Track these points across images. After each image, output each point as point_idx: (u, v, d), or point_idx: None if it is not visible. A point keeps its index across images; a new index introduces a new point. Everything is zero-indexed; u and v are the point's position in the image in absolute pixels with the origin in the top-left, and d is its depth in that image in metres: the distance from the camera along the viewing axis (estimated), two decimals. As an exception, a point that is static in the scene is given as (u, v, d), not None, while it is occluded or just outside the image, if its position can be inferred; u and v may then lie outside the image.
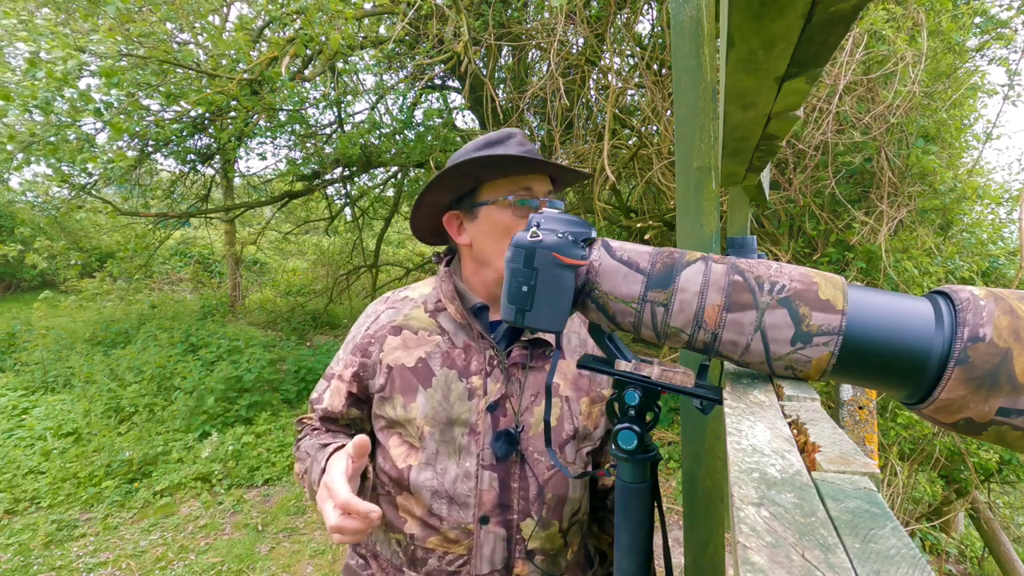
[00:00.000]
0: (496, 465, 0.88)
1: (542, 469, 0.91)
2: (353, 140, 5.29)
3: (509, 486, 0.89)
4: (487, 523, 0.87)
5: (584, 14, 3.66)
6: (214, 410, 4.59)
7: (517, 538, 0.89)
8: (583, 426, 0.95)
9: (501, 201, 0.89)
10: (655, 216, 4.11)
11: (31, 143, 3.41)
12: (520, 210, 0.89)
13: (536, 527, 0.89)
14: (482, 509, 0.87)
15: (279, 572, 3.00)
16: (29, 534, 3.24)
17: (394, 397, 0.91)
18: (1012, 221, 3.81)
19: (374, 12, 4.42)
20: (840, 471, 0.35)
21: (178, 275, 9.88)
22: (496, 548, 0.88)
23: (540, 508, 0.90)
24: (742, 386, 0.51)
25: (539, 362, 0.95)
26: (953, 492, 3.13)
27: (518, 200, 0.89)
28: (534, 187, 0.91)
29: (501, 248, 0.90)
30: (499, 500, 0.88)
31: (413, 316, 0.96)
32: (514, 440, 0.89)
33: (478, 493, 0.87)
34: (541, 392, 0.93)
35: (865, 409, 1.58)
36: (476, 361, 0.92)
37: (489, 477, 0.88)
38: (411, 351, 0.93)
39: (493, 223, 0.90)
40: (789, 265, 0.49)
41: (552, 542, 0.92)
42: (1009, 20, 3.29)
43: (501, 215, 0.89)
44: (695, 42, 0.91)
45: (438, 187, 0.91)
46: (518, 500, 0.89)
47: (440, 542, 0.88)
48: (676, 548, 2.99)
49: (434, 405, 0.89)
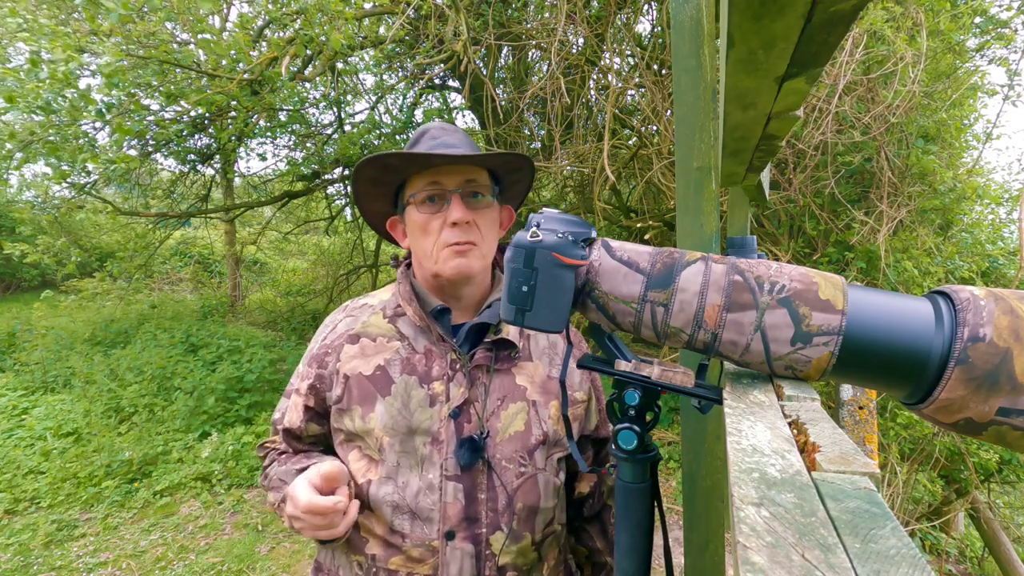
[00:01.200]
0: (461, 475, 0.83)
1: (510, 477, 0.86)
2: (353, 140, 5.29)
3: (476, 497, 0.83)
4: (453, 538, 0.82)
5: (584, 14, 3.66)
6: (214, 410, 4.59)
7: (486, 554, 0.83)
8: (552, 431, 0.91)
9: (412, 199, 0.89)
10: (655, 216, 4.11)
11: (31, 142, 3.41)
12: (429, 206, 0.88)
13: (507, 540, 0.84)
14: (447, 523, 0.82)
15: (279, 572, 3.00)
16: (29, 534, 3.24)
17: (352, 408, 0.87)
18: (1012, 221, 3.81)
19: (374, 12, 4.42)
20: (840, 471, 0.35)
21: (178, 275, 9.88)
22: (464, 565, 0.82)
23: (510, 519, 0.84)
24: (742, 386, 0.51)
25: (504, 364, 0.91)
26: (953, 492, 3.13)
27: (426, 197, 0.87)
28: (443, 180, 0.87)
29: (422, 248, 0.89)
30: (465, 513, 0.83)
31: (371, 323, 0.93)
32: (478, 447, 0.83)
33: (442, 506, 0.82)
34: (508, 396, 0.89)
35: (865, 409, 1.58)
36: (437, 366, 0.88)
37: (454, 488, 0.83)
38: (369, 359, 0.89)
39: (413, 222, 0.90)
40: (789, 265, 0.49)
41: (525, 556, 0.86)
42: (1009, 20, 3.29)
43: (414, 214, 0.89)
44: (695, 42, 0.91)
45: (364, 196, 0.94)
46: (486, 512, 0.83)
47: (403, 562, 0.82)
48: (676, 548, 2.99)
49: (393, 414, 0.84)
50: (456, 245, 0.86)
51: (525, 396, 0.91)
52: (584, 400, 0.99)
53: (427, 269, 0.90)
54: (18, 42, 3.18)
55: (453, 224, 0.86)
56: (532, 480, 0.87)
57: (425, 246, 0.88)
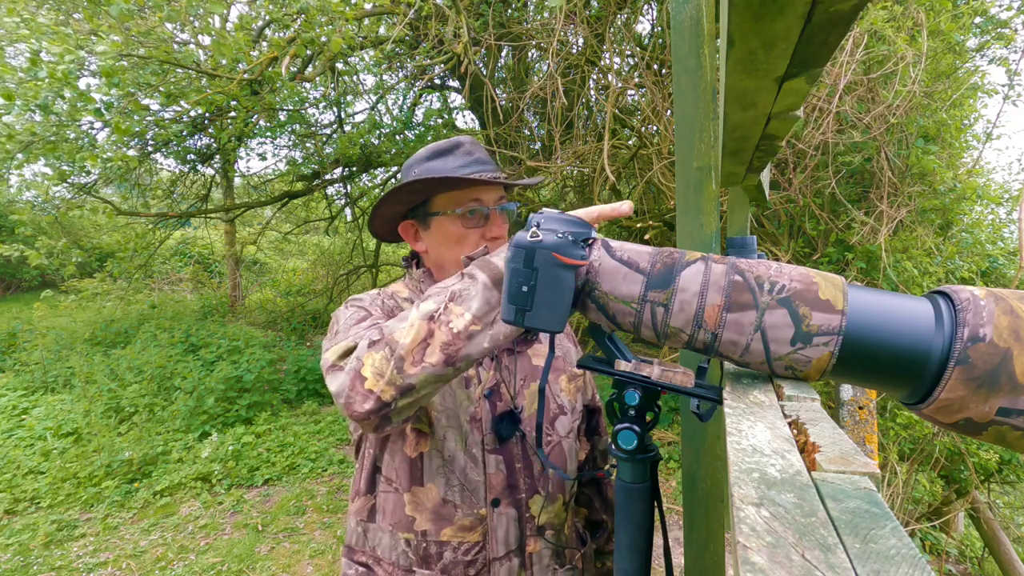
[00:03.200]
0: (499, 448, 0.92)
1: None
2: (353, 140, 5.30)
3: (514, 467, 0.92)
4: (498, 505, 0.90)
5: (584, 14, 3.66)
6: (214, 410, 4.60)
7: (527, 516, 0.92)
8: (568, 401, 1.01)
9: (451, 213, 0.93)
10: (655, 216, 4.11)
11: (31, 142, 3.41)
12: (469, 220, 0.93)
13: (545, 502, 0.94)
14: (492, 492, 0.90)
15: (279, 572, 3.00)
16: (29, 534, 3.24)
17: None
18: (1012, 221, 3.81)
19: (374, 12, 4.42)
20: (840, 471, 0.35)
21: (178, 275, 9.89)
22: (509, 529, 0.91)
23: (546, 483, 0.95)
24: (742, 386, 0.51)
25: (522, 347, 1.00)
26: (953, 492, 3.13)
27: (467, 211, 0.93)
28: (483, 197, 0.94)
29: (454, 255, 0.94)
30: (507, 481, 0.91)
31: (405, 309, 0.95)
32: (517, 420, 0.92)
33: (487, 477, 0.90)
34: (529, 375, 0.98)
35: (865, 409, 1.58)
36: None
37: (495, 460, 0.91)
38: None
39: (446, 233, 0.94)
40: (789, 265, 0.49)
41: (558, 516, 0.97)
42: (1009, 20, 3.29)
43: (451, 226, 0.94)
44: (695, 42, 0.91)
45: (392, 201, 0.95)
46: (524, 479, 0.93)
47: (455, 532, 0.89)
48: (676, 548, 2.99)
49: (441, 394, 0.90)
50: None
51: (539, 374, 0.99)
52: (581, 373, 1.09)
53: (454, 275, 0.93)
54: (18, 41, 3.18)
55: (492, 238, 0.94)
56: (559, 447, 0.98)
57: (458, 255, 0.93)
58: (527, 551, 0.92)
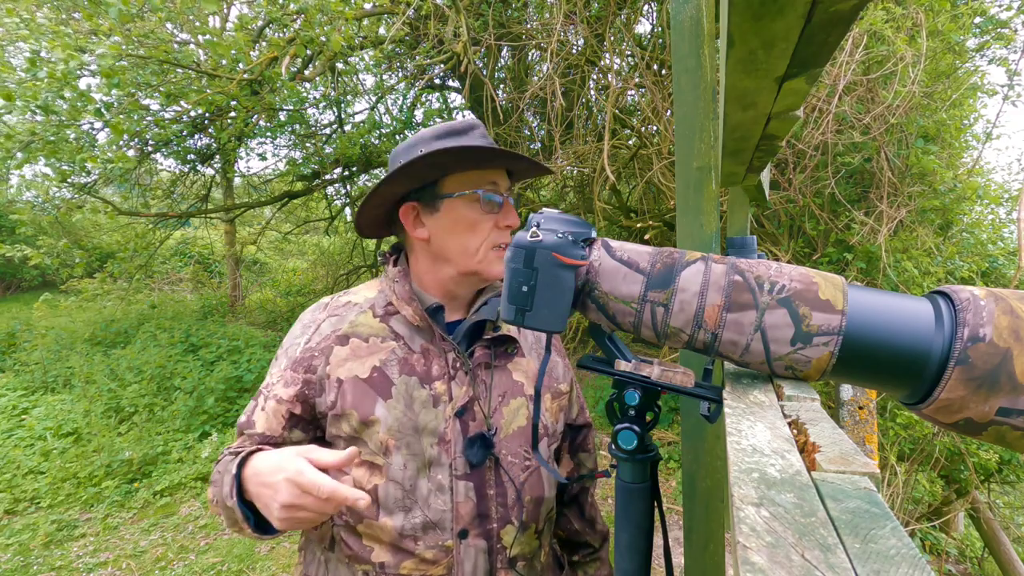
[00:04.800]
0: (470, 474, 0.83)
1: (517, 472, 0.87)
2: (353, 140, 5.30)
3: (485, 494, 0.84)
4: (466, 537, 0.82)
5: (584, 14, 3.66)
6: (214, 410, 4.60)
7: (498, 547, 0.84)
8: (550, 423, 0.94)
9: (469, 195, 0.83)
10: (655, 216, 4.11)
11: (31, 142, 3.41)
12: (487, 205, 0.84)
13: (517, 533, 0.86)
14: (460, 523, 0.82)
15: (279, 572, 3.00)
16: (29, 534, 3.24)
17: (348, 412, 0.82)
18: (1012, 221, 3.81)
19: (374, 12, 4.42)
20: (840, 471, 0.35)
21: (178, 275, 9.88)
22: (478, 561, 0.83)
23: (520, 512, 0.86)
24: (742, 386, 0.51)
25: (502, 360, 0.91)
26: (953, 492, 3.13)
27: (486, 194, 0.84)
28: (499, 182, 0.86)
29: (463, 244, 0.85)
30: (477, 510, 0.83)
31: (360, 322, 0.87)
32: (489, 444, 0.84)
33: (454, 506, 0.82)
34: (509, 391, 0.90)
35: (865, 409, 1.58)
36: (437, 365, 0.86)
37: (464, 487, 0.83)
38: (363, 360, 0.84)
39: (458, 217, 0.84)
40: (789, 265, 0.49)
41: (530, 545, 0.89)
42: (1009, 20, 3.29)
43: (467, 210, 0.84)
44: (695, 42, 0.91)
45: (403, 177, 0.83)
46: (496, 507, 0.85)
47: (416, 565, 0.81)
48: (676, 548, 2.99)
49: (397, 416, 0.82)
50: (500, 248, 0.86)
51: (523, 391, 0.92)
52: (567, 391, 1.02)
53: (460, 265, 0.86)
54: (18, 41, 3.18)
55: (506, 227, 0.86)
56: (537, 472, 0.90)
57: (468, 243, 0.85)
58: None
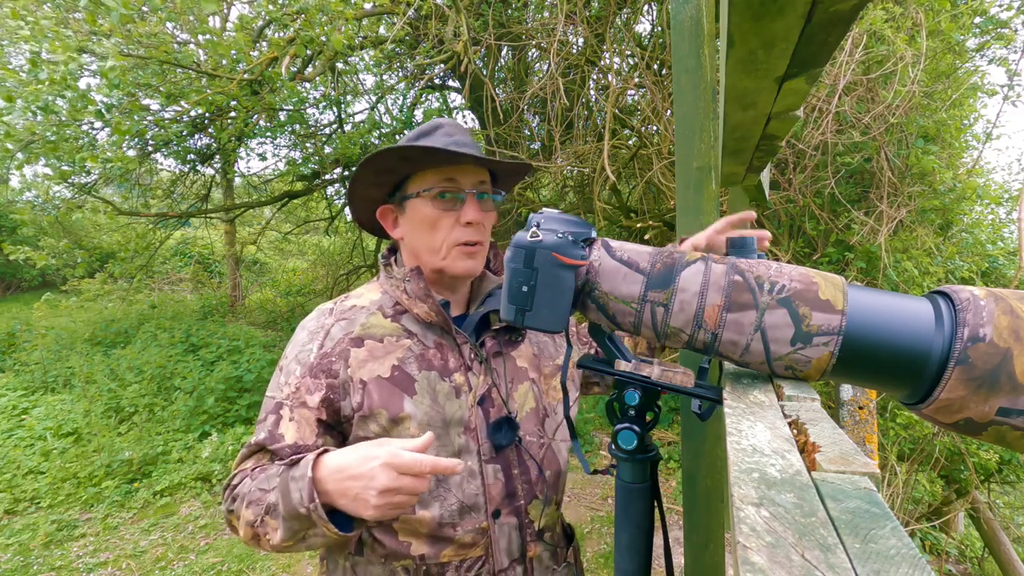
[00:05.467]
0: (496, 457, 0.89)
1: (536, 450, 0.93)
2: (353, 140, 5.29)
3: (512, 474, 0.90)
4: (499, 516, 0.88)
5: (584, 14, 3.66)
6: (214, 410, 4.60)
7: (527, 523, 0.90)
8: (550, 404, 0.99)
9: (424, 194, 0.87)
10: (655, 216, 4.11)
11: (31, 142, 3.41)
12: (442, 203, 0.87)
13: (543, 506, 0.92)
14: (492, 504, 0.87)
15: (279, 572, 3.00)
16: (29, 534, 3.24)
17: (376, 412, 0.84)
18: (1012, 221, 3.81)
19: (374, 12, 4.42)
20: (840, 471, 0.35)
21: (178, 275, 9.88)
22: (511, 538, 0.89)
23: (543, 487, 0.92)
24: (742, 386, 0.51)
25: (508, 348, 0.97)
26: (953, 492, 3.13)
27: (439, 193, 0.87)
28: (459, 179, 0.88)
29: (427, 242, 0.89)
30: (506, 490, 0.89)
31: (372, 324, 0.89)
32: (515, 426, 0.90)
33: (485, 489, 0.87)
34: (515, 378, 0.95)
35: (865, 409, 1.58)
36: (453, 358, 0.90)
37: (493, 470, 0.88)
38: (381, 360, 0.87)
39: (421, 216, 0.88)
40: (789, 265, 0.49)
41: (553, 517, 0.96)
42: (1009, 20, 3.29)
43: (425, 208, 0.88)
44: (695, 42, 0.91)
45: (361, 182, 0.90)
46: (521, 485, 0.90)
47: (455, 551, 0.85)
48: (676, 548, 2.99)
49: (425, 410, 0.85)
50: (466, 246, 0.88)
51: (528, 376, 0.97)
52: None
53: (428, 263, 0.91)
54: (19, 42, 3.18)
55: (467, 224, 0.88)
56: (550, 448, 0.96)
57: (431, 241, 0.89)
58: (528, 556, 0.90)
